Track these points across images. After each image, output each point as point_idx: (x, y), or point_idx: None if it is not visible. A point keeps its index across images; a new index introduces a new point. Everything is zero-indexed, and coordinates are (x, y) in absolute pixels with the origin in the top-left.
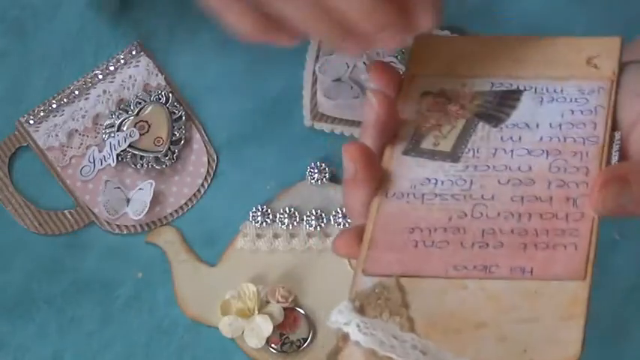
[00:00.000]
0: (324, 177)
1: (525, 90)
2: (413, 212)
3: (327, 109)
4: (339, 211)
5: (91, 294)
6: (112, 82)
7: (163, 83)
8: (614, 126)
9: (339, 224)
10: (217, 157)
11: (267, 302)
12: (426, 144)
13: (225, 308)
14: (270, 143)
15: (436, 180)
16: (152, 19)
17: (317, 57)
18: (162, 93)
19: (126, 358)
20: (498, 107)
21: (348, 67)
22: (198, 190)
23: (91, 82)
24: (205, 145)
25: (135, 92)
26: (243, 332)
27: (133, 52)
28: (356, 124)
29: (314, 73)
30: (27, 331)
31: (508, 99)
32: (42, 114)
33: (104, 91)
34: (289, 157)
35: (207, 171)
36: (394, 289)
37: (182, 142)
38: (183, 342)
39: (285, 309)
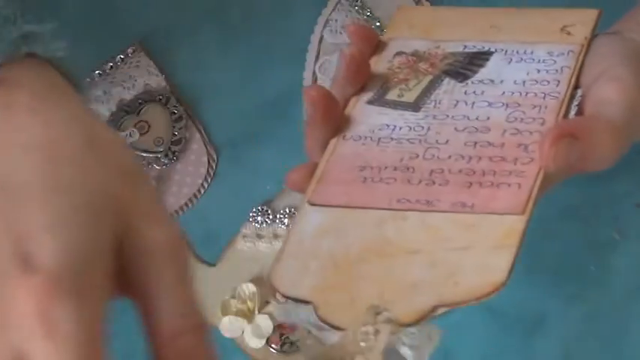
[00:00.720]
0: None
1: (496, 51)
2: (366, 153)
3: None
4: None
5: None
6: (112, 82)
7: (163, 83)
8: (577, 86)
9: None
10: (217, 157)
11: (267, 302)
12: (391, 95)
13: (225, 308)
14: (270, 143)
15: (395, 126)
16: (152, 19)
17: (317, 57)
18: (163, 93)
19: (126, 358)
20: (467, 66)
21: None
22: (199, 190)
23: (90, 83)
24: (205, 145)
25: (135, 92)
26: (243, 332)
27: (133, 52)
28: None
29: (314, 73)
30: None
31: (477, 59)
32: None
33: (104, 92)
34: (289, 157)
35: (207, 171)
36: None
37: (182, 142)
38: None
39: None
